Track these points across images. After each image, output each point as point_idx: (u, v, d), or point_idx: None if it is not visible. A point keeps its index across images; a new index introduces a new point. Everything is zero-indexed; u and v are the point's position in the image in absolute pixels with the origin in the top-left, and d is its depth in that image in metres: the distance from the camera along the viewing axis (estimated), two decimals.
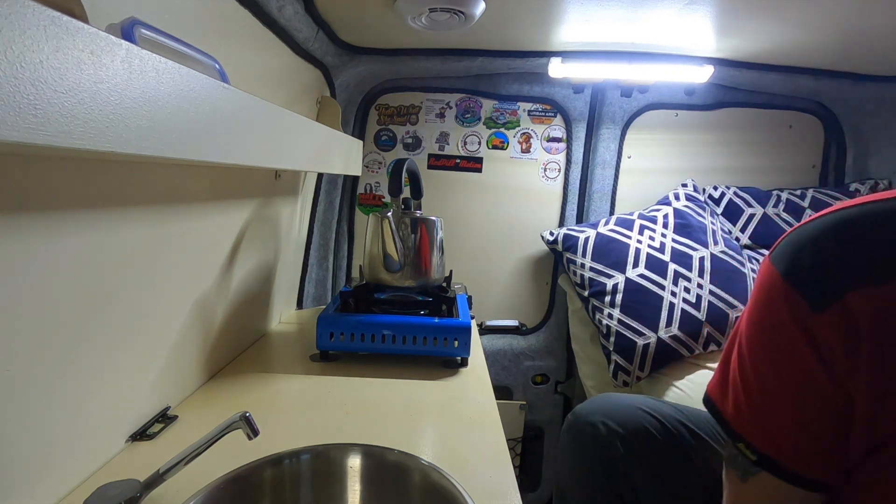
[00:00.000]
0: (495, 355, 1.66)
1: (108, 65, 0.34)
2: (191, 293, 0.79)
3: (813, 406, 0.45)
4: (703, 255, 1.35)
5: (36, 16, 0.28)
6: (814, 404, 0.45)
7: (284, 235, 1.22)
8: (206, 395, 0.83)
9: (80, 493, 0.55)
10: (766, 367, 0.48)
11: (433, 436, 0.74)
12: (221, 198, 0.85)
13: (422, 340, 0.99)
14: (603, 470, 0.71)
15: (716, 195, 1.55)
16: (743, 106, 1.57)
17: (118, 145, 0.35)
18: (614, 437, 0.71)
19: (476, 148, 1.61)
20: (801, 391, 0.45)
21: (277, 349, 1.08)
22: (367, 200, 1.65)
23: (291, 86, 1.12)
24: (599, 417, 0.73)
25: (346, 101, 1.48)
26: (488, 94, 1.58)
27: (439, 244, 1.13)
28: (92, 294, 0.56)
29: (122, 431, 0.65)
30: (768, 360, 0.47)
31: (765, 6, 0.96)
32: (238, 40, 0.84)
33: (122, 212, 0.59)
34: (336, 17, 1.09)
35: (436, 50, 1.34)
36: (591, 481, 0.72)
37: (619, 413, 0.74)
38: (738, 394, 0.50)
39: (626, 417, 0.73)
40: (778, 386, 0.47)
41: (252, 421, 0.52)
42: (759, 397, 0.48)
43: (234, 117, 0.54)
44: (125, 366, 0.64)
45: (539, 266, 1.68)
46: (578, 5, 1.01)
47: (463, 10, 0.99)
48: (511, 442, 1.65)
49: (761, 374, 0.48)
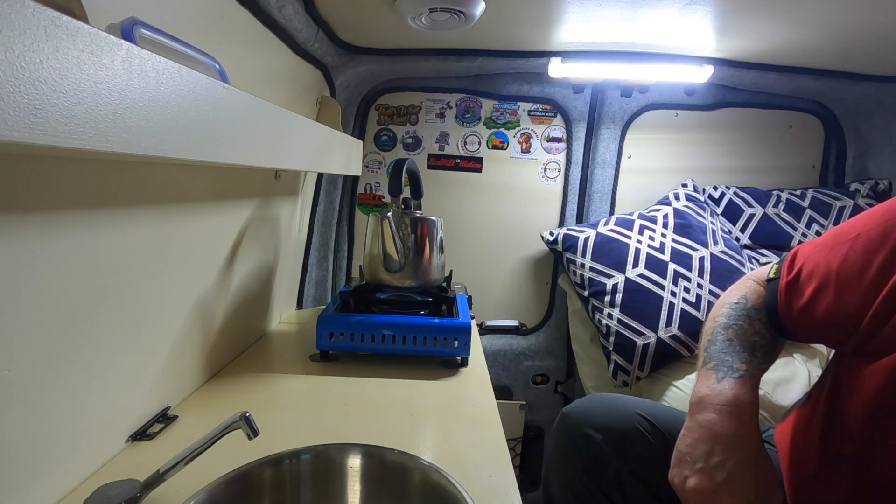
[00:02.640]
0: (495, 355, 1.66)
1: (108, 65, 0.34)
2: (191, 293, 0.79)
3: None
4: (703, 255, 1.35)
5: (36, 16, 0.28)
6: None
7: (284, 235, 1.22)
8: (206, 395, 0.83)
9: (80, 493, 0.55)
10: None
11: (433, 436, 0.74)
12: (221, 198, 0.85)
13: (422, 340, 0.99)
14: (588, 468, 0.71)
15: (716, 195, 1.55)
16: (743, 106, 1.57)
17: (118, 145, 0.35)
18: (602, 439, 0.71)
19: (476, 148, 1.61)
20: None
21: (277, 349, 1.08)
22: (367, 200, 1.65)
23: (291, 86, 1.12)
24: (589, 418, 0.73)
25: (346, 101, 1.48)
26: (488, 94, 1.58)
27: (439, 244, 1.13)
28: (92, 294, 0.56)
29: (122, 431, 0.65)
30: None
31: (765, 6, 0.96)
32: (238, 40, 0.84)
33: (122, 212, 0.59)
34: (336, 17, 1.09)
35: (436, 50, 1.34)
36: (577, 479, 0.72)
37: (610, 414, 0.74)
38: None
39: (616, 418, 0.73)
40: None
41: (252, 421, 0.52)
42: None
43: (234, 117, 0.54)
44: (125, 365, 0.64)
45: (539, 266, 1.68)
46: (578, 5, 1.01)
47: (463, 10, 0.99)
48: (511, 442, 1.65)
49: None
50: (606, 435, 0.71)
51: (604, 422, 0.72)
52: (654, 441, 0.70)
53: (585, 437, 0.71)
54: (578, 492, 0.71)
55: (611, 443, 0.70)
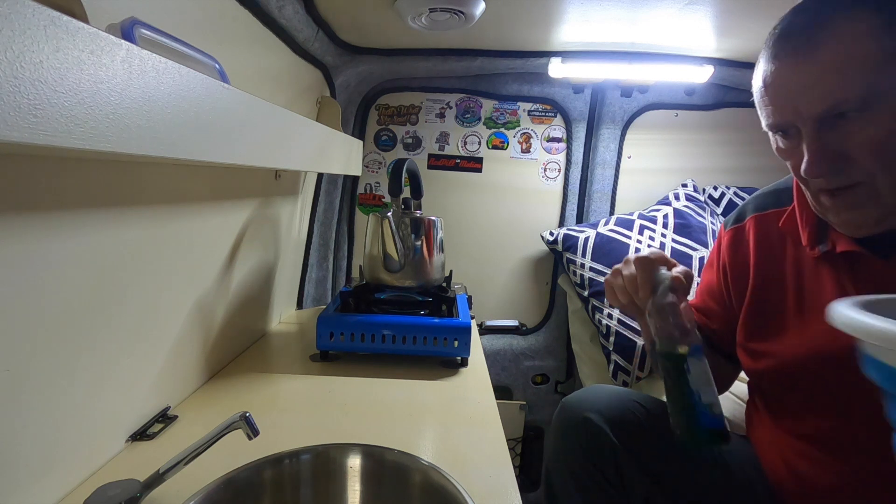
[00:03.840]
0: (495, 355, 1.66)
1: (108, 65, 0.34)
2: (191, 293, 0.79)
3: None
4: (703, 255, 1.35)
5: (36, 16, 0.28)
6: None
7: (284, 235, 1.22)
8: (206, 395, 0.83)
9: (80, 493, 0.55)
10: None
11: (433, 436, 0.74)
12: (221, 198, 0.85)
13: (422, 340, 0.99)
14: (586, 449, 0.72)
15: (716, 195, 1.55)
16: (743, 106, 1.57)
17: (118, 145, 0.35)
18: (600, 419, 0.72)
19: (476, 148, 1.61)
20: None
21: (277, 349, 1.08)
22: (367, 200, 1.65)
23: (291, 86, 1.12)
24: (587, 403, 0.75)
25: (346, 101, 1.48)
26: (488, 94, 1.58)
27: (439, 244, 1.13)
28: (92, 294, 0.56)
29: (122, 431, 0.65)
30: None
31: (765, 6, 0.96)
32: (238, 40, 0.84)
33: (122, 212, 0.59)
34: (336, 17, 1.09)
35: (436, 50, 1.34)
36: (576, 463, 0.73)
37: (608, 399, 0.75)
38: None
39: (614, 402, 0.74)
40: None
41: (252, 421, 0.52)
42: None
43: (234, 117, 0.54)
44: (125, 365, 0.64)
45: (539, 266, 1.68)
46: (578, 5, 1.01)
47: (463, 10, 0.99)
48: (511, 442, 1.65)
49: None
50: (604, 415, 0.72)
51: (601, 405, 0.74)
52: (647, 423, 0.72)
53: (585, 421, 0.72)
54: (579, 477, 0.72)
55: (608, 421, 0.72)
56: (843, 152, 0.52)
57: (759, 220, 0.72)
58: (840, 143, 0.52)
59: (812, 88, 0.51)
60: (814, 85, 0.51)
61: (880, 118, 0.50)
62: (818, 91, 0.51)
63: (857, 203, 0.55)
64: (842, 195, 0.55)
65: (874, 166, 0.51)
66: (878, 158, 0.51)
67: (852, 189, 0.54)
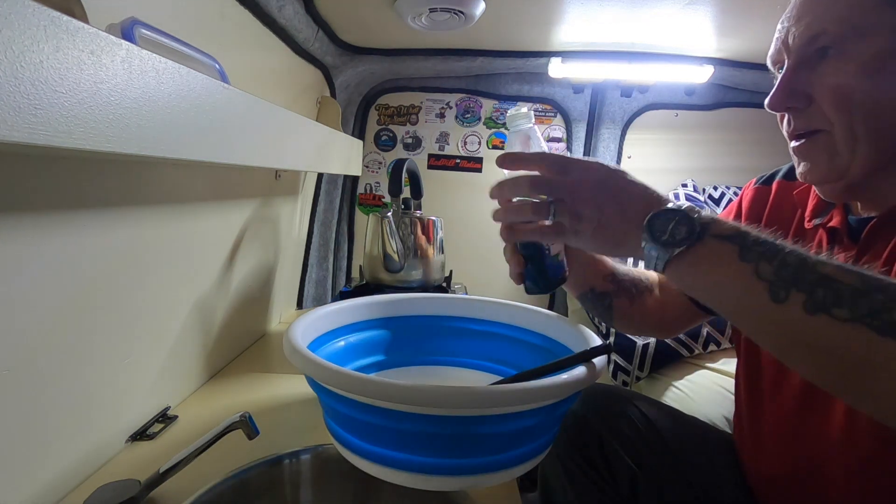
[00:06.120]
0: None
1: (108, 65, 0.34)
2: (191, 293, 0.79)
3: None
4: None
5: (36, 16, 0.28)
6: None
7: (284, 235, 1.22)
8: (206, 395, 0.83)
9: (80, 493, 0.55)
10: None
11: None
12: (221, 198, 0.85)
13: None
14: (572, 438, 0.74)
15: (716, 195, 1.55)
16: (743, 106, 1.57)
17: (118, 145, 0.35)
18: (585, 409, 0.74)
19: (476, 148, 1.61)
20: None
21: (277, 349, 1.08)
22: (367, 200, 1.65)
23: (291, 86, 1.12)
24: (581, 398, 0.76)
25: (346, 101, 1.48)
26: (488, 94, 1.58)
27: (439, 244, 1.13)
28: (92, 294, 0.56)
29: (122, 431, 0.65)
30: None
31: (765, 6, 0.96)
32: (238, 40, 0.84)
33: (123, 212, 0.59)
34: (336, 17, 1.09)
35: (436, 50, 1.34)
36: (564, 452, 0.75)
37: (602, 397, 0.76)
38: None
39: (608, 401, 0.76)
40: None
41: (252, 421, 0.52)
42: None
43: (234, 117, 0.53)
44: (125, 365, 0.64)
45: None
46: (578, 5, 1.01)
47: (463, 10, 0.99)
48: None
49: None
50: (589, 403, 0.75)
51: (597, 402, 0.76)
52: (640, 424, 0.74)
53: (571, 413, 0.74)
54: (567, 466, 0.75)
55: (591, 409, 0.74)
56: (809, 94, 0.53)
57: (782, 187, 0.73)
58: (810, 84, 0.53)
59: (801, 18, 0.53)
60: (803, 15, 0.53)
61: (849, 67, 0.50)
62: (805, 21, 0.53)
63: (814, 153, 0.56)
64: (804, 143, 0.56)
65: (834, 115, 0.52)
66: (839, 108, 0.51)
67: (812, 137, 0.55)
